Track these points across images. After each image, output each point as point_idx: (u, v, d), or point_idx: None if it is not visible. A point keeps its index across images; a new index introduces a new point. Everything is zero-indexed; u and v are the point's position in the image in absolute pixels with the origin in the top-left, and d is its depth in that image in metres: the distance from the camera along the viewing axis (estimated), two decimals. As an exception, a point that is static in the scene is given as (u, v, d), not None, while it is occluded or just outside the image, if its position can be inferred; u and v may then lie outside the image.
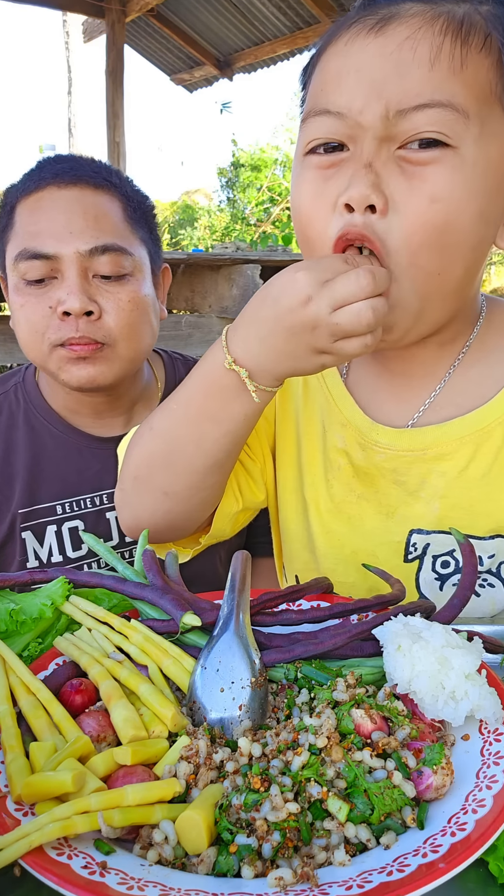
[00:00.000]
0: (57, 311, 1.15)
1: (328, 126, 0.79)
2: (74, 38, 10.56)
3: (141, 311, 1.22)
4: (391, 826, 0.52)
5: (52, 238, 1.15)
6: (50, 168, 1.20)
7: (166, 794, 0.54)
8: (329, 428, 1.00)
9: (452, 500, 0.92)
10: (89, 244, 1.15)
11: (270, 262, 4.09)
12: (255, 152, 11.76)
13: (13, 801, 0.53)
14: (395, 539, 0.95)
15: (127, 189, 1.25)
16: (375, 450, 0.95)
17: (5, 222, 1.22)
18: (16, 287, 1.20)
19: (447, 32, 0.73)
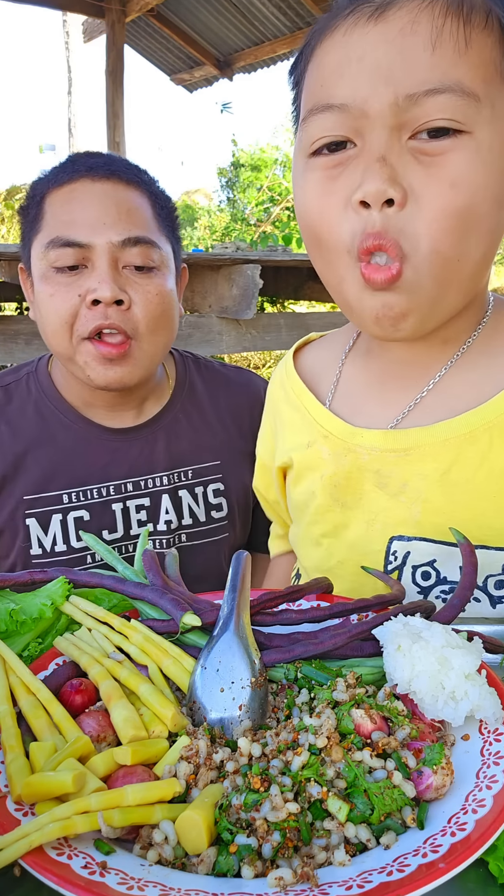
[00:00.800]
0: (86, 300, 1.17)
1: (331, 122, 0.76)
2: (74, 38, 10.56)
3: (166, 304, 1.24)
4: (391, 826, 0.52)
5: (85, 227, 1.17)
6: (84, 161, 1.23)
7: (166, 794, 0.54)
8: (313, 444, 1.00)
9: (434, 503, 0.89)
10: (122, 235, 1.18)
11: (270, 262, 4.09)
12: (255, 152, 11.75)
13: (13, 801, 0.53)
14: (375, 548, 0.94)
15: (154, 188, 1.28)
16: (359, 452, 0.94)
17: (34, 213, 1.24)
18: (44, 276, 1.20)
19: (448, 13, 0.72)
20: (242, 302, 3.83)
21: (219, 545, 1.41)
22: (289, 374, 1.09)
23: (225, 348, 4.00)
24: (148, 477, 1.35)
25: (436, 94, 0.71)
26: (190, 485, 1.38)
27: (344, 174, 0.78)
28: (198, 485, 1.38)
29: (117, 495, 1.33)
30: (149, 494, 1.35)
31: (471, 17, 0.72)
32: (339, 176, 0.78)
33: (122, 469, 1.33)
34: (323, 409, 1.01)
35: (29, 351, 3.53)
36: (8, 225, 10.07)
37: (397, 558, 0.93)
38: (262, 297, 5.07)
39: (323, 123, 0.77)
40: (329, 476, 0.97)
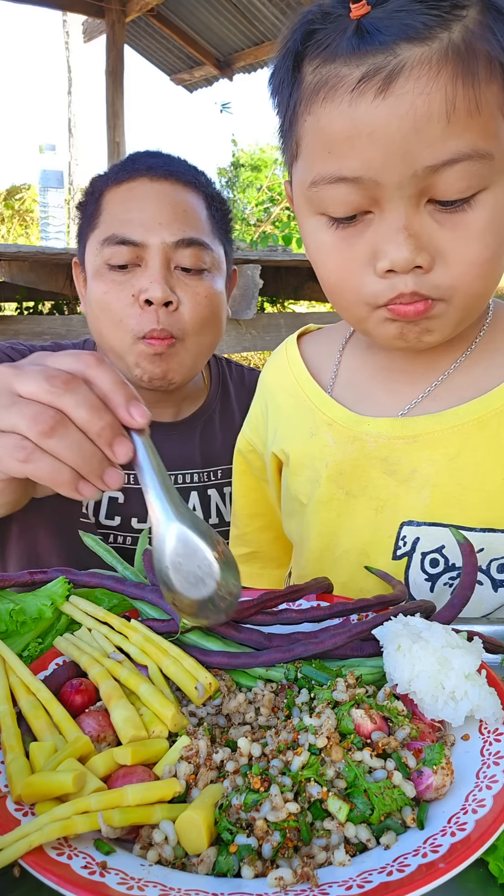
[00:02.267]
0: (139, 300, 1.18)
1: (345, 194, 0.77)
2: (74, 38, 10.55)
3: (214, 306, 1.25)
4: (391, 826, 0.52)
5: (140, 227, 1.18)
6: (144, 161, 1.24)
7: (166, 794, 0.54)
8: (316, 432, 1.01)
9: (443, 488, 0.91)
10: (176, 236, 1.19)
11: (270, 262, 4.09)
12: (255, 152, 11.75)
13: (13, 801, 0.53)
14: (384, 534, 0.95)
15: (211, 190, 1.29)
16: (366, 440, 0.96)
17: (92, 209, 1.26)
18: (97, 272, 1.22)
19: (457, 78, 0.70)
20: (242, 302, 3.83)
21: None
22: (292, 361, 1.09)
23: (225, 348, 4.00)
24: (180, 472, 1.37)
25: (454, 164, 0.72)
26: (219, 484, 1.40)
27: (362, 239, 0.79)
28: (227, 485, 1.40)
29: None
30: (179, 491, 1.37)
31: (478, 74, 0.71)
32: (357, 241, 0.79)
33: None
34: (326, 397, 1.02)
35: (29, 351, 3.52)
36: (8, 225, 10.07)
37: (406, 544, 0.94)
38: (262, 297, 5.07)
39: (337, 194, 0.77)
40: (334, 464, 0.98)
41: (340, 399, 1.01)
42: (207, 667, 0.69)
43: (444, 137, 0.71)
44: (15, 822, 0.51)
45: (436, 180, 0.73)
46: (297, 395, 1.06)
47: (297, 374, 1.07)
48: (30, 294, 4.92)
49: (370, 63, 0.71)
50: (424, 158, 0.72)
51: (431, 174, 0.73)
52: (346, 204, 0.77)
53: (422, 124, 0.71)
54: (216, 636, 0.73)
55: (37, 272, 3.76)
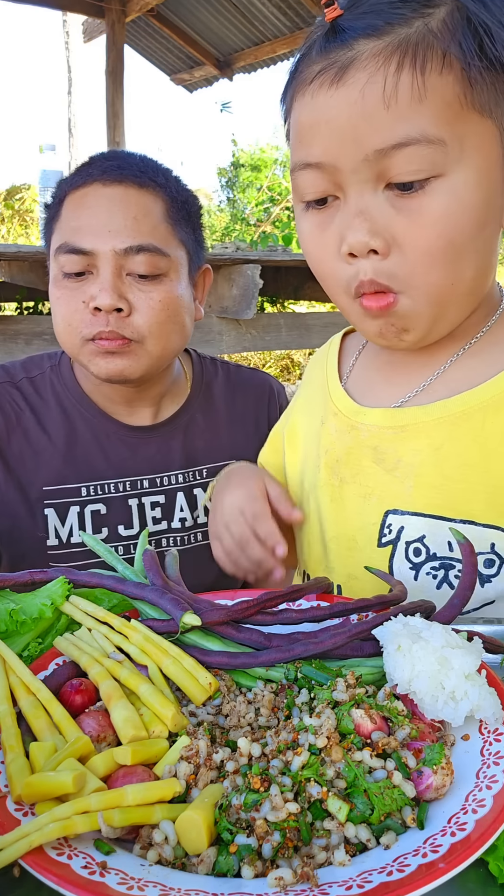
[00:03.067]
0: (89, 307, 1.19)
1: (312, 179, 0.82)
2: (74, 38, 10.54)
3: (172, 311, 1.24)
4: (391, 826, 0.52)
5: (90, 234, 1.18)
6: (98, 164, 1.24)
7: (166, 794, 0.54)
8: (326, 419, 1.06)
9: (426, 478, 0.92)
10: (125, 243, 1.18)
11: (270, 262, 4.08)
12: (255, 152, 11.74)
13: (13, 801, 0.53)
14: (370, 522, 0.97)
15: (172, 189, 1.27)
16: (361, 429, 0.99)
17: (53, 213, 1.27)
18: (55, 279, 1.24)
19: (403, 66, 0.74)
20: (242, 302, 3.83)
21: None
22: (331, 353, 1.14)
23: (225, 348, 4.00)
24: (164, 474, 1.38)
25: (403, 148, 0.75)
26: (205, 483, 1.40)
27: (332, 225, 0.84)
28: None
29: (133, 491, 1.35)
30: (164, 492, 1.37)
31: (426, 66, 0.74)
32: (328, 227, 0.84)
33: (140, 466, 1.36)
34: (339, 388, 1.06)
35: (29, 351, 3.53)
36: (8, 225, 10.07)
37: (392, 532, 0.95)
38: (262, 297, 5.07)
39: (305, 180, 0.83)
40: (332, 451, 1.02)
41: (349, 390, 1.05)
42: (207, 667, 0.69)
43: (392, 122, 0.75)
44: (15, 822, 0.51)
45: (388, 164, 0.76)
46: (322, 383, 1.11)
47: (329, 364, 1.12)
48: (30, 294, 4.92)
49: (331, 59, 0.78)
50: (373, 142, 0.76)
51: (382, 158, 0.76)
52: (313, 188, 0.83)
53: (369, 110, 0.75)
54: (216, 636, 0.73)
55: (37, 272, 3.76)
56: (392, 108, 0.74)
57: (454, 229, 0.78)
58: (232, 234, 10.24)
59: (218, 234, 10.75)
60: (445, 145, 0.75)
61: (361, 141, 0.76)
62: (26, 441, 1.32)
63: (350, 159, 0.78)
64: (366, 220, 0.79)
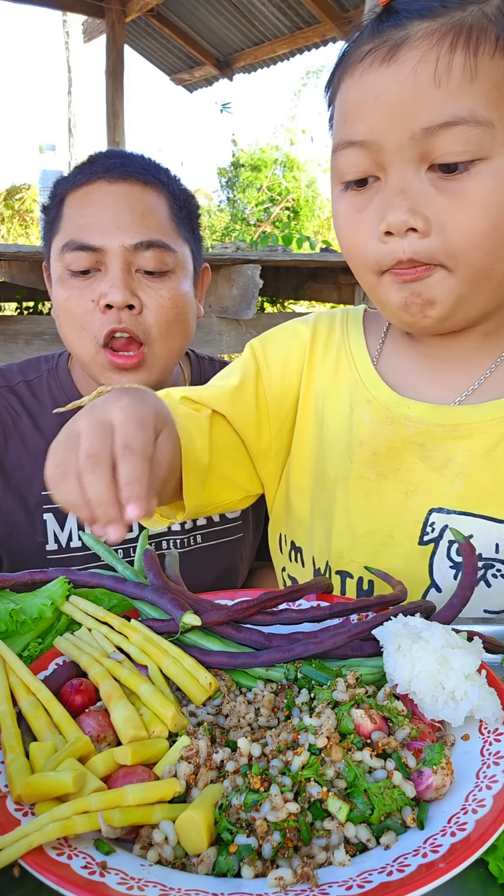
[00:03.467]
0: (99, 305, 1.17)
1: (354, 159, 0.82)
2: (74, 38, 10.53)
3: (180, 308, 1.23)
4: (391, 826, 0.52)
5: (98, 231, 1.17)
6: (101, 163, 1.22)
7: (166, 794, 0.54)
8: (356, 405, 1.01)
9: (476, 478, 0.92)
10: (135, 239, 1.17)
11: (270, 262, 4.09)
12: (255, 152, 11.73)
13: (13, 800, 0.53)
14: (412, 519, 0.95)
15: (174, 187, 1.27)
16: (405, 423, 0.96)
17: (54, 213, 1.24)
18: (60, 279, 1.21)
19: (456, 47, 0.75)
20: (242, 302, 3.83)
21: (233, 546, 1.41)
22: (353, 324, 1.08)
23: (225, 348, 4.00)
24: None
25: (450, 127, 0.75)
26: None
27: (369, 207, 0.83)
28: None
29: None
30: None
31: (479, 48, 0.75)
32: (365, 209, 0.83)
33: None
34: (372, 371, 1.01)
35: (29, 351, 3.53)
36: (8, 225, 10.07)
37: (434, 530, 0.94)
38: (262, 297, 5.07)
39: (348, 159, 0.83)
40: (369, 443, 0.98)
41: (384, 376, 1.01)
42: (207, 667, 0.69)
43: (441, 101, 0.75)
44: (15, 822, 0.51)
45: (434, 143, 0.76)
46: (345, 356, 1.05)
47: (351, 339, 1.06)
48: (30, 294, 4.93)
49: (382, 38, 0.78)
50: (421, 120, 0.75)
51: (429, 137, 0.76)
52: (355, 167, 0.82)
53: (420, 88, 0.75)
54: (216, 636, 0.73)
55: (37, 272, 3.76)
56: (442, 87, 0.74)
57: (498, 213, 0.78)
58: (232, 234, 10.23)
59: (218, 234, 10.75)
60: (493, 128, 0.75)
61: (409, 118, 0.76)
62: (24, 446, 1.30)
63: (396, 137, 0.77)
64: (407, 198, 0.78)
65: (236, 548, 1.41)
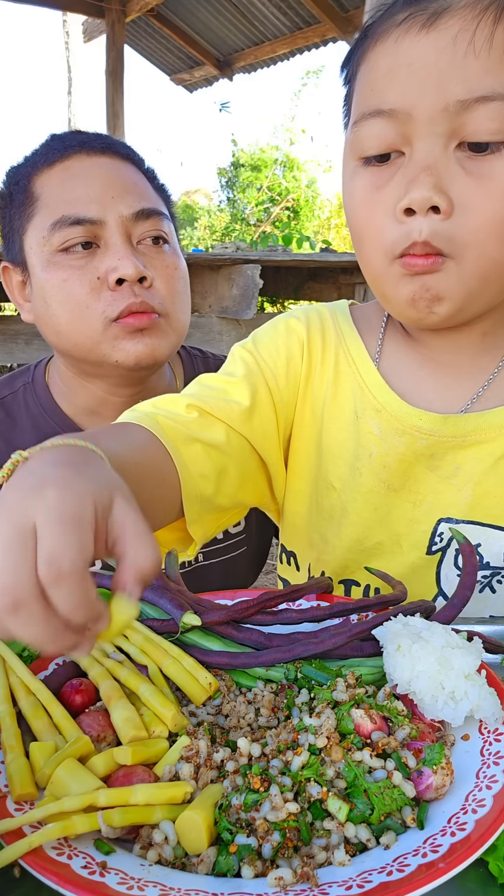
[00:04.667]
0: (108, 281, 1.07)
1: (380, 128, 0.77)
2: (74, 38, 10.53)
3: (184, 279, 1.17)
4: (391, 826, 0.52)
5: (93, 202, 1.08)
6: (73, 137, 1.15)
7: (176, 796, 0.54)
8: (362, 415, 0.97)
9: (485, 487, 0.91)
10: (132, 208, 1.10)
11: (270, 262, 4.09)
12: (255, 152, 11.74)
13: (13, 800, 0.53)
14: (420, 529, 0.94)
15: (146, 166, 1.22)
16: (416, 435, 0.92)
17: (21, 199, 1.13)
18: (49, 262, 1.09)
19: (501, 20, 0.71)
20: (242, 302, 3.83)
21: (239, 560, 1.33)
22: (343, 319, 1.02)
23: (225, 348, 3.98)
24: None
25: (487, 102, 0.71)
26: None
27: (391, 184, 0.78)
28: None
29: None
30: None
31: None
32: (386, 185, 0.79)
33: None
34: (378, 378, 0.96)
35: (29, 351, 3.53)
36: (8, 225, 10.06)
37: (443, 540, 0.94)
38: (262, 297, 5.07)
39: (372, 129, 0.78)
40: (379, 456, 0.95)
41: (389, 382, 0.96)
42: (207, 667, 0.69)
43: (480, 74, 0.71)
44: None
45: (467, 118, 0.72)
46: (344, 358, 0.99)
47: (347, 336, 1.01)
48: (30, 294, 4.91)
49: (420, 6, 0.74)
50: (458, 92, 0.72)
51: (463, 111, 0.72)
52: (379, 139, 0.77)
53: (459, 58, 0.72)
54: (216, 636, 0.73)
55: (37, 272, 3.76)
56: (483, 59, 0.71)
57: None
58: (232, 234, 10.24)
59: (218, 234, 10.75)
60: None
61: (445, 88, 0.72)
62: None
63: (428, 107, 0.73)
64: (432, 174, 0.74)
65: (239, 562, 1.34)
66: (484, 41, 0.71)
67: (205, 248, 9.55)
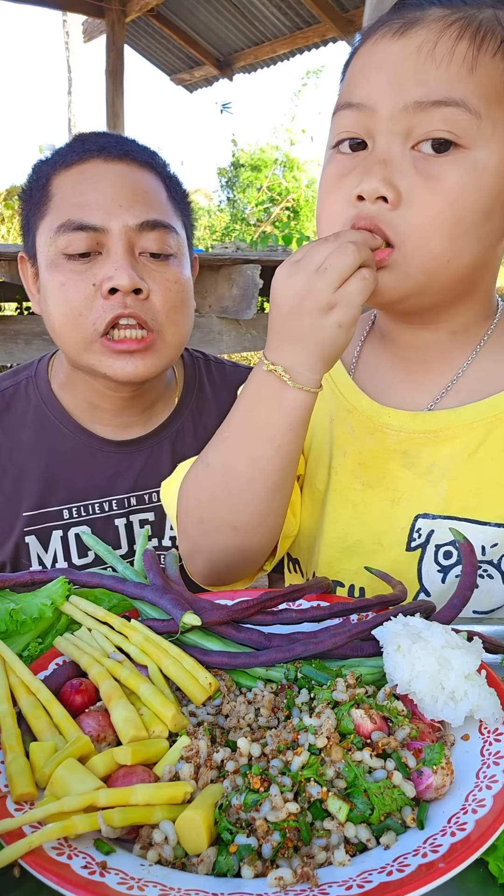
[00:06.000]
0: (102, 289, 1.08)
1: (350, 119, 0.84)
2: (74, 38, 10.53)
3: (185, 293, 1.17)
4: (391, 826, 0.52)
5: (99, 210, 1.09)
6: (94, 141, 1.15)
7: (176, 796, 0.54)
8: (336, 417, 1.02)
9: (460, 482, 0.93)
10: (139, 218, 1.10)
11: (270, 261, 4.08)
12: (255, 152, 11.73)
13: (13, 800, 0.53)
14: (399, 525, 0.96)
15: (167, 172, 1.21)
16: (387, 432, 0.97)
17: (39, 196, 1.15)
18: (52, 263, 1.11)
19: (463, 36, 0.78)
20: (242, 302, 3.83)
21: None
22: None
23: (225, 348, 3.99)
24: (153, 491, 1.27)
25: (442, 106, 0.78)
26: None
27: (353, 173, 0.84)
28: None
29: (120, 510, 1.25)
30: (153, 509, 1.28)
31: (483, 44, 0.79)
32: (349, 174, 0.84)
33: (126, 483, 1.26)
34: (349, 382, 1.03)
35: (29, 351, 3.53)
36: (8, 225, 10.06)
37: (421, 536, 0.95)
38: (262, 297, 5.06)
39: (344, 120, 0.85)
40: (353, 454, 0.99)
41: (362, 386, 1.01)
42: (207, 667, 0.69)
43: (439, 80, 0.78)
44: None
45: (423, 119, 0.78)
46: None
47: None
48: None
49: (400, 15, 0.82)
50: (416, 93, 0.78)
51: (419, 111, 0.78)
52: (348, 129, 0.85)
53: (421, 64, 0.79)
54: (216, 636, 0.73)
55: (37, 272, 3.76)
56: (443, 69, 0.78)
57: (464, 205, 0.79)
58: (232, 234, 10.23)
59: (218, 234, 10.75)
60: (480, 119, 0.78)
61: (405, 89, 0.79)
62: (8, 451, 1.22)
63: (389, 104, 0.80)
64: (385, 168, 0.80)
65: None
66: (445, 52, 0.78)
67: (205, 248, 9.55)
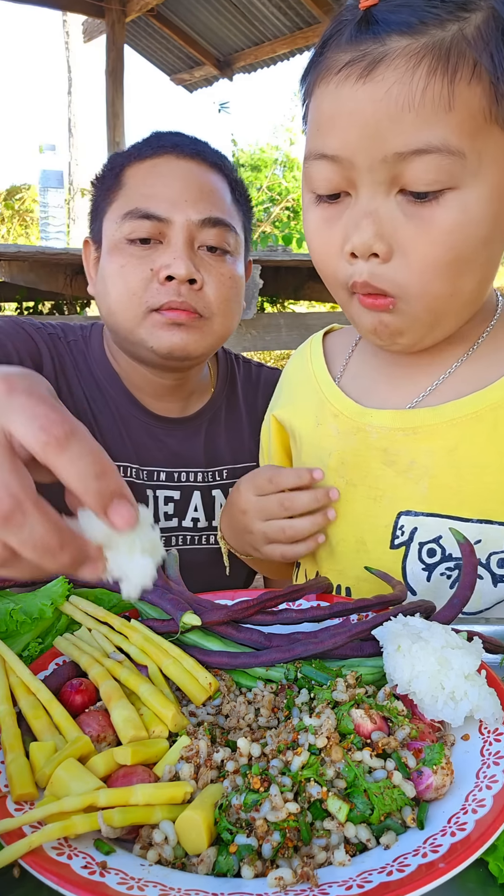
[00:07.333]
0: (159, 276, 1.14)
1: (326, 172, 0.81)
2: (74, 38, 10.55)
3: (237, 289, 1.23)
4: (391, 826, 0.52)
5: (166, 202, 1.15)
6: (170, 138, 1.22)
7: (176, 796, 0.54)
8: (322, 421, 1.04)
9: (441, 479, 0.93)
10: (202, 214, 1.16)
11: (270, 262, 4.08)
12: (255, 152, 11.73)
13: (13, 800, 0.53)
14: (381, 524, 0.96)
15: (234, 176, 1.27)
16: (368, 431, 0.98)
17: (111, 183, 1.22)
18: (115, 247, 1.18)
19: (433, 73, 0.73)
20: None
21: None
22: (314, 352, 1.13)
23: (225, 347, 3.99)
24: (182, 470, 1.33)
25: (422, 155, 0.74)
26: (225, 485, 1.35)
27: (339, 222, 0.83)
28: (231, 486, 1.33)
29: (149, 482, 1.30)
30: (180, 488, 1.33)
31: (456, 75, 0.73)
32: (336, 223, 0.83)
33: (158, 457, 1.31)
34: (335, 388, 1.05)
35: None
36: (8, 225, 10.07)
37: (404, 533, 0.95)
38: (262, 297, 5.07)
39: (320, 171, 0.82)
40: (337, 454, 1.01)
41: (347, 390, 1.04)
42: (207, 667, 0.69)
43: (416, 127, 0.74)
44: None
45: (405, 169, 0.75)
46: (310, 382, 1.09)
47: (314, 365, 1.11)
48: (30, 294, 4.93)
49: (361, 50, 0.76)
50: (394, 144, 0.75)
51: (400, 161, 0.75)
52: (326, 181, 0.82)
53: (395, 111, 0.74)
54: (216, 636, 0.73)
55: (37, 272, 3.77)
56: (418, 113, 0.73)
57: (462, 244, 0.78)
58: (232, 234, 10.20)
59: (218, 234, 10.72)
60: (464, 158, 0.75)
61: (382, 140, 0.75)
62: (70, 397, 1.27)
63: (368, 157, 0.76)
64: (374, 222, 0.78)
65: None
66: (418, 94, 0.73)
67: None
